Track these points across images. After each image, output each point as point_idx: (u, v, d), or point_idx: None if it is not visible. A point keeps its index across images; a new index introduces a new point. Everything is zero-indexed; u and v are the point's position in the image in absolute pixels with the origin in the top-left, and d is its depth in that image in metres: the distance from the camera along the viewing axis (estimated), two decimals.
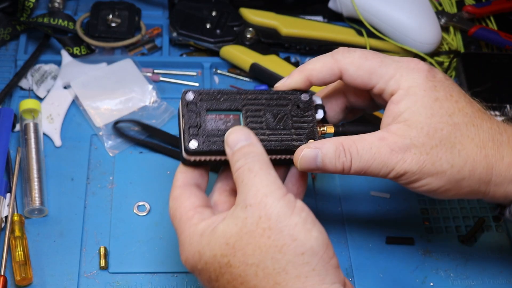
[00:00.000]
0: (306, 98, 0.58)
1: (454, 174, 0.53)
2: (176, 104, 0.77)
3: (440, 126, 0.53)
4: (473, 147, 0.54)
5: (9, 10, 0.84)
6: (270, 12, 0.85)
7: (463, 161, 0.53)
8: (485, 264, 0.67)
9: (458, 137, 0.54)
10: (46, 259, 0.64)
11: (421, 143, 0.53)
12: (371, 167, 0.54)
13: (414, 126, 0.53)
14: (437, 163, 0.53)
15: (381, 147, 0.53)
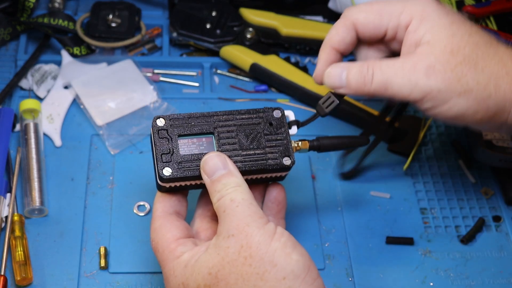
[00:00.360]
0: (278, 115, 0.58)
1: (480, 91, 0.53)
2: (177, 104, 0.78)
3: (462, 44, 0.53)
4: (495, 64, 0.54)
5: (9, 10, 0.84)
6: (270, 12, 0.85)
7: (487, 77, 0.53)
8: (485, 264, 0.67)
9: (479, 55, 0.54)
10: (46, 259, 0.64)
11: (446, 60, 0.53)
12: (393, 81, 0.54)
13: (438, 45, 0.54)
14: (462, 80, 0.53)
15: (405, 62, 0.54)
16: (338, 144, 0.59)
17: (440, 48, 0.53)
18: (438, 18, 0.55)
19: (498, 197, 0.73)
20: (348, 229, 0.69)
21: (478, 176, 0.75)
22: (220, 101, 0.79)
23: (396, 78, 0.54)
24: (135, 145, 0.74)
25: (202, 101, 0.79)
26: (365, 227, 0.69)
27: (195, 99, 0.79)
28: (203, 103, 0.79)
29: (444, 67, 0.53)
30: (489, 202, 0.73)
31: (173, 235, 0.54)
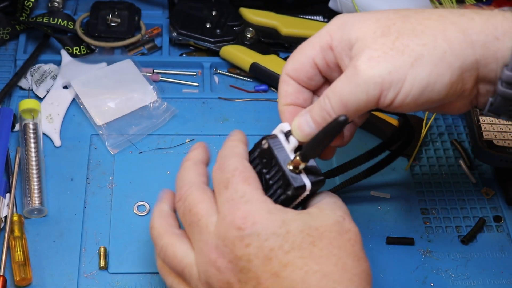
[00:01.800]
0: (265, 146, 0.55)
1: (431, 51, 0.48)
2: (176, 104, 0.78)
3: (391, 22, 0.50)
4: (434, 22, 0.49)
5: (8, 10, 0.83)
6: (270, 12, 0.85)
7: (432, 35, 0.48)
8: (486, 264, 0.67)
9: (413, 22, 0.49)
10: (45, 259, 0.64)
11: (381, 43, 0.49)
12: (346, 95, 0.50)
13: (367, 36, 0.50)
14: (407, 50, 0.48)
15: (347, 71, 0.50)
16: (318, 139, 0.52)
17: (369, 36, 0.49)
18: (356, 16, 0.52)
19: (499, 197, 0.73)
20: None
21: (478, 176, 0.75)
22: (220, 101, 0.79)
23: (346, 89, 0.50)
24: (135, 145, 0.74)
25: (202, 101, 0.79)
26: (365, 227, 0.69)
27: (195, 99, 0.79)
28: (203, 103, 0.79)
29: (382, 50, 0.49)
30: (489, 202, 0.73)
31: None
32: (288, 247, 0.49)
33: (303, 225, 0.50)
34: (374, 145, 0.75)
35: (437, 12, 0.50)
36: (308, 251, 0.49)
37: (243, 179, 0.51)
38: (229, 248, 0.50)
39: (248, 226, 0.49)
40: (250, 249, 0.49)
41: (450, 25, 0.49)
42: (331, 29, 0.53)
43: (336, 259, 0.49)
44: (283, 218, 0.50)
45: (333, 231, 0.50)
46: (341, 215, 0.52)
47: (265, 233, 0.49)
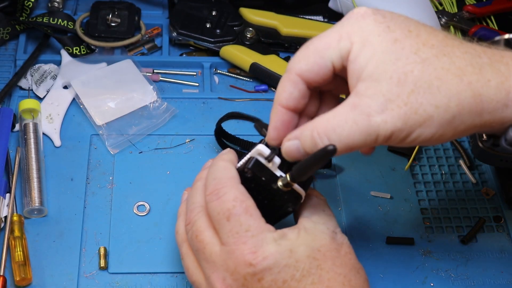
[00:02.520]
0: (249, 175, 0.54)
1: (442, 115, 0.47)
2: (176, 104, 0.78)
3: (409, 68, 0.47)
4: (452, 78, 0.47)
5: (8, 10, 0.83)
6: (270, 12, 0.85)
7: (446, 97, 0.47)
8: (486, 265, 0.67)
9: (432, 73, 0.47)
10: (45, 259, 0.64)
11: (396, 94, 0.47)
12: (355, 141, 0.49)
13: (382, 79, 0.47)
14: (420, 110, 0.47)
15: (356, 116, 0.48)
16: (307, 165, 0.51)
17: (385, 81, 0.47)
18: (379, 40, 0.48)
19: (499, 197, 0.73)
20: (348, 229, 0.69)
21: (478, 176, 0.75)
22: (220, 101, 0.79)
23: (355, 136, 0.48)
24: (135, 145, 0.74)
25: (202, 101, 0.79)
26: (365, 227, 0.69)
27: (195, 99, 0.79)
28: (203, 103, 0.79)
29: (396, 103, 0.47)
30: (489, 202, 0.73)
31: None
32: (299, 275, 0.51)
33: (308, 249, 0.52)
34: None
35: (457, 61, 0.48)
36: (317, 276, 0.51)
37: (244, 210, 0.52)
38: (240, 282, 0.51)
39: (259, 262, 0.50)
40: (263, 283, 0.51)
41: (465, 87, 0.47)
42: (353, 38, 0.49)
43: (342, 278, 0.52)
44: (289, 246, 0.51)
45: (332, 249, 0.53)
46: (333, 230, 0.54)
47: (277, 266, 0.50)
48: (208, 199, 0.54)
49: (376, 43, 0.48)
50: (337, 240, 0.54)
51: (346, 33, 0.50)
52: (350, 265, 0.53)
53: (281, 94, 0.54)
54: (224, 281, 0.52)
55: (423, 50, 0.48)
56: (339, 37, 0.50)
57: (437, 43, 0.48)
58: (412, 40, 0.48)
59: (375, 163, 0.74)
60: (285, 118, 0.54)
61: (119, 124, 0.74)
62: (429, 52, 0.48)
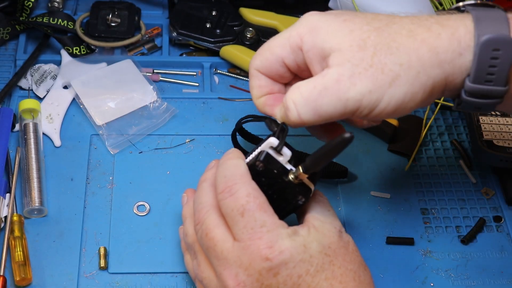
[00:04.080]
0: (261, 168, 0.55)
1: (407, 71, 0.50)
2: (176, 104, 0.78)
3: (366, 36, 0.51)
4: (406, 39, 0.50)
5: (8, 10, 0.83)
6: (270, 12, 0.85)
7: (407, 54, 0.50)
8: (486, 265, 0.67)
9: (387, 37, 0.50)
10: (45, 259, 0.64)
11: (360, 59, 0.50)
12: (323, 106, 0.51)
13: (343, 48, 0.50)
14: (386, 69, 0.50)
15: (326, 82, 0.51)
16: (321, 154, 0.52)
17: (347, 50, 0.50)
18: (328, 23, 0.52)
19: (499, 197, 0.73)
20: (348, 229, 0.69)
21: (478, 176, 0.75)
22: (220, 101, 0.79)
23: (325, 100, 0.51)
24: (135, 145, 0.74)
25: (202, 101, 0.79)
26: (365, 227, 0.69)
27: (195, 99, 0.79)
28: (203, 103, 0.79)
29: (363, 66, 0.50)
30: (489, 202, 0.73)
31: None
32: (314, 270, 0.52)
33: (320, 245, 0.53)
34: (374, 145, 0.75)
35: (407, 26, 0.51)
36: (330, 271, 0.52)
37: (259, 206, 0.53)
38: (254, 277, 0.51)
39: (276, 256, 0.51)
40: (278, 277, 0.51)
41: (420, 44, 0.50)
42: (301, 32, 0.54)
43: (353, 274, 0.53)
44: (303, 241, 0.52)
45: (341, 246, 0.54)
46: (338, 229, 0.56)
47: (293, 261, 0.51)
48: (221, 197, 0.54)
49: (326, 25, 0.52)
50: (344, 239, 0.55)
51: (295, 30, 0.55)
52: (358, 262, 0.55)
53: (252, 90, 0.59)
54: (236, 277, 0.52)
55: (373, 22, 0.52)
56: (289, 36, 0.55)
57: (384, 18, 0.52)
58: (360, 18, 0.52)
59: (375, 163, 0.74)
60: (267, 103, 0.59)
61: (119, 124, 0.74)
62: (379, 23, 0.52)
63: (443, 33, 0.51)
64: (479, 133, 0.72)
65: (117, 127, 0.74)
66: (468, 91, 0.51)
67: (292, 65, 0.56)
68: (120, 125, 0.74)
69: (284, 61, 0.56)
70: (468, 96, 0.52)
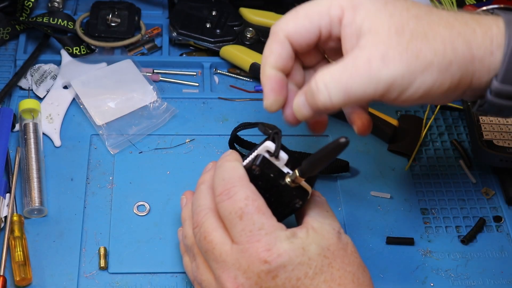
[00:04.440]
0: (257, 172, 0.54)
1: (440, 60, 0.50)
2: (176, 104, 0.78)
3: (405, 21, 0.51)
4: (443, 29, 0.51)
5: (8, 10, 0.83)
6: (270, 12, 0.85)
7: (442, 44, 0.50)
8: (486, 265, 0.67)
9: (425, 25, 0.51)
10: (45, 259, 0.64)
11: (396, 42, 0.50)
12: (354, 87, 0.50)
13: (381, 30, 0.50)
14: (421, 55, 0.50)
15: (357, 62, 0.50)
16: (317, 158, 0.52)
17: (384, 32, 0.50)
18: (371, 2, 0.52)
19: (499, 197, 0.73)
20: (348, 229, 0.69)
21: (478, 176, 0.75)
22: (220, 101, 0.79)
23: (356, 82, 0.50)
24: (135, 145, 0.74)
25: (202, 101, 0.79)
26: (365, 227, 0.69)
27: (195, 99, 0.79)
28: (203, 103, 0.79)
29: (397, 50, 0.50)
30: (489, 202, 0.73)
31: None
32: (312, 273, 0.52)
33: (318, 247, 0.53)
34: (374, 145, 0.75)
35: (445, 17, 0.52)
36: (329, 274, 0.52)
37: (257, 209, 0.52)
38: (253, 280, 0.51)
39: (274, 259, 0.51)
40: (277, 280, 0.51)
41: (457, 36, 0.51)
42: (343, 5, 0.53)
43: (351, 276, 0.53)
44: (301, 244, 0.52)
45: (339, 248, 0.54)
46: (337, 230, 0.55)
47: (291, 264, 0.51)
48: (219, 199, 0.54)
49: (369, 4, 0.52)
50: (343, 240, 0.55)
51: (336, 1, 0.53)
52: (357, 263, 0.54)
53: (269, 56, 0.56)
54: (235, 279, 0.52)
55: (413, 9, 0.52)
56: (330, 5, 0.53)
57: (424, 7, 0.53)
58: (401, 2, 0.52)
59: (375, 163, 0.74)
60: (278, 77, 0.56)
61: (119, 124, 0.74)
62: (419, 10, 0.52)
63: (478, 29, 0.51)
64: (479, 133, 0.72)
65: (117, 127, 0.74)
66: (494, 91, 0.51)
67: (325, 36, 0.55)
68: (120, 125, 0.74)
69: (321, 31, 0.54)
70: (494, 96, 0.52)
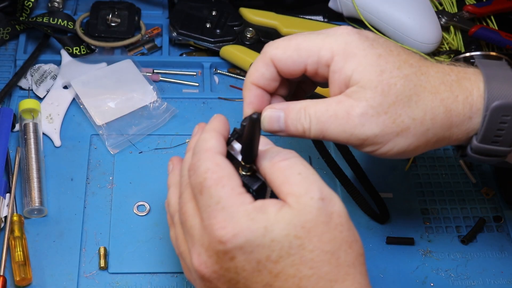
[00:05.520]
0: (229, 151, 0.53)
1: (418, 127, 0.52)
2: (176, 104, 0.78)
3: (393, 82, 0.51)
4: (428, 94, 0.52)
5: (8, 10, 0.83)
6: (270, 12, 0.85)
7: (423, 111, 0.52)
8: (486, 264, 0.67)
9: (412, 88, 0.52)
10: (45, 259, 0.64)
11: (378, 103, 0.51)
12: (329, 130, 0.52)
13: (368, 86, 0.51)
14: (398, 120, 0.51)
15: (338, 110, 0.52)
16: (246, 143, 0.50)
17: (370, 89, 0.51)
18: (364, 54, 0.52)
19: (499, 197, 0.73)
20: None
21: (478, 176, 0.75)
22: (220, 101, 0.79)
23: (332, 126, 0.52)
24: (135, 145, 0.74)
25: (202, 101, 0.79)
26: (365, 227, 0.69)
27: (195, 99, 0.79)
28: (203, 103, 0.79)
29: (377, 111, 0.51)
30: (489, 202, 0.73)
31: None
32: (276, 256, 0.47)
33: (288, 227, 0.47)
34: None
35: (432, 80, 0.53)
36: (298, 256, 0.47)
37: (215, 181, 0.48)
38: (213, 259, 0.48)
39: (229, 239, 0.46)
40: (235, 262, 0.47)
41: (439, 104, 0.53)
42: (335, 51, 0.53)
43: (329, 257, 0.47)
44: (264, 223, 0.47)
45: (319, 223, 0.47)
46: (319, 197, 0.48)
47: (249, 246, 0.46)
48: (189, 174, 0.52)
49: (362, 56, 0.52)
50: (326, 210, 0.48)
51: (329, 44, 0.53)
52: (340, 239, 0.48)
53: (253, 74, 0.57)
54: (199, 256, 0.49)
55: (404, 67, 0.53)
56: (321, 46, 0.54)
57: (415, 63, 0.53)
58: (394, 57, 0.53)
59: (375, 163, 0.74)
60: (257, 93, 0.57)
61: (119, 124, 0.74)
62: (409, 69, 0.53)
63: (460, 96, 0.53)
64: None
65: (117, 127, 0.74)
66: (474, 149, 0.54)
67: (310, 72, 0.55)
68: (120, 125, 0.74)
69: (307, 67, 0.55)
70: (474, 153, 0.55)
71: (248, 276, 0.47)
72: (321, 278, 0.47)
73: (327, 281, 0.47)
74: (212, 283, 0.49)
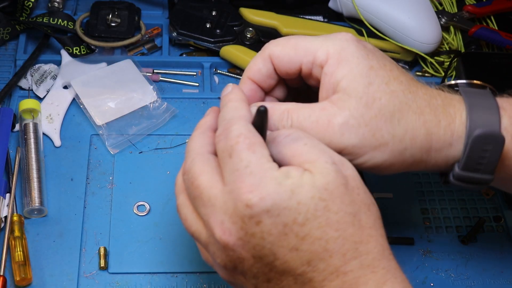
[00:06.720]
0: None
1: (396, 144, 0.52)
2: (176, 104, 0.78)
3: (378, 95, 0.51)
4: (412, 114, 0.52)
5: (8, 10, 0.83)
6: (270, 12, 0.85)
7: (404, 130, 0.52)
8: (486, 264, 0.67)
9: (396, 105, 0.52)
10: (45, 259, 0.64)
11: (360, 114, 0.51)
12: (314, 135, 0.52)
13: (354, 96, 0.51)
14: (377, 134, 0.51)
15: (320, 117, 0.52)
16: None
17: (355, 99, 0.51)
18: (357, 62, 0.52)
19: (499, 197, 0.73)
20: None
21: None
22: (220, 101, 0.79)
23: (311, 132, 0.52)
24: (135, 145, 0.74)
25: (202, 101, 0.79)
26: None
27: (195, 99, 0.79)
28: (203, 103, 0.79)
29: (358, 121, 0.51)
30: (489, 202, 0.73)
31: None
32: (302, 218, 0.46)
33: (312, 189, 0.47)
34: None
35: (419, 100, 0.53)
36: (324, 218, 0.47)
37: (247, 146, 0.48)
38: (238, 225, 0.47)
39: (256, 203, 0.46)
40: (261, 226, 0.47)
41: (421, 126, 0.53)
42: (331, 54, 0.53)
43: (352, 219, 0.48)
44: (290, 186, 0.47)
45: (339, 184, 0.48)
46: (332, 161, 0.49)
47: (276, 209, 0.46)
48: (217, 140, 0.51)
49: (354, 64, 0.52)
50: (342, 173, 0.49)
51: (326, 46, 0.54)
52: (359, 201, 0.49)
53: (251, 68, 0.57)
54: (222, 224, 0.48)
55: (393, 83, 0.53)
56: (319, 47, 0.54)
57: (405, 81, 0.53)
58: (385, 72, 0.53)
59: None
60: (252, 88, 0.57)
61: (119, 124, 0.74)
62: (398, 86, 0.53)
63: (443, 121, 0.53)
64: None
65: (117, 127, 0.74)
66: (456, 176, 0.54)
67: (304, 72, 0.56)
68: (120, 125, 0.74)
69: (302, 66, 0.55)
70: (456, 180, 0.55)
71: (274, 241, 0.47)
72: (346, 239, 0.47)
73: (352, 242, 0.47)
74: (235, 252, 0.48)
